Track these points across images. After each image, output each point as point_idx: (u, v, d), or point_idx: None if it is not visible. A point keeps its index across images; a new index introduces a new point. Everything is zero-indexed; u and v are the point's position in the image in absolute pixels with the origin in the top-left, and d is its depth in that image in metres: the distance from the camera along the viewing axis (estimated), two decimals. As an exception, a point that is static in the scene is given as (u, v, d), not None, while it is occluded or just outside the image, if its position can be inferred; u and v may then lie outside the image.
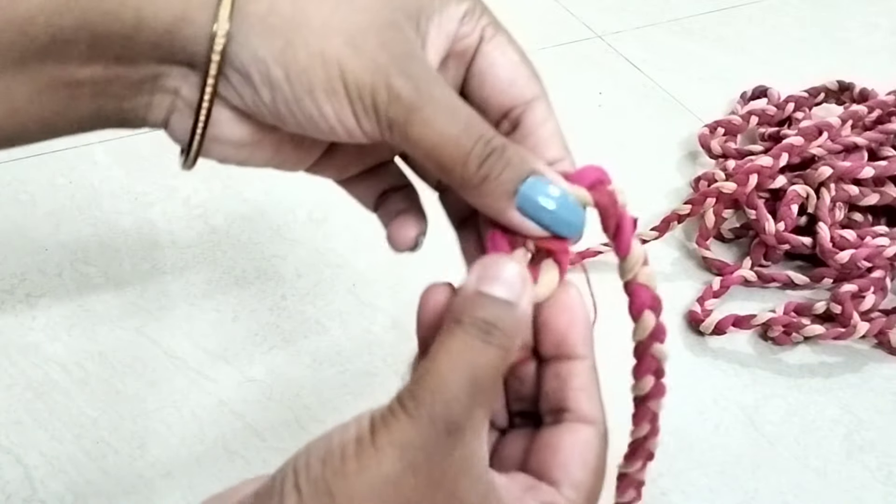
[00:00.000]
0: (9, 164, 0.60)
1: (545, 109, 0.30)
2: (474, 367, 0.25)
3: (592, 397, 0.28)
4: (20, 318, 0.50)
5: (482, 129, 0.27)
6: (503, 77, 0.29)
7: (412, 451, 0.24)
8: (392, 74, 0.26)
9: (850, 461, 0.47)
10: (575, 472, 0.27)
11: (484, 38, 0.29)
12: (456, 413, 0.24)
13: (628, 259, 0.29)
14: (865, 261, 0.54)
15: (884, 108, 0.63)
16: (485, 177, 0.27)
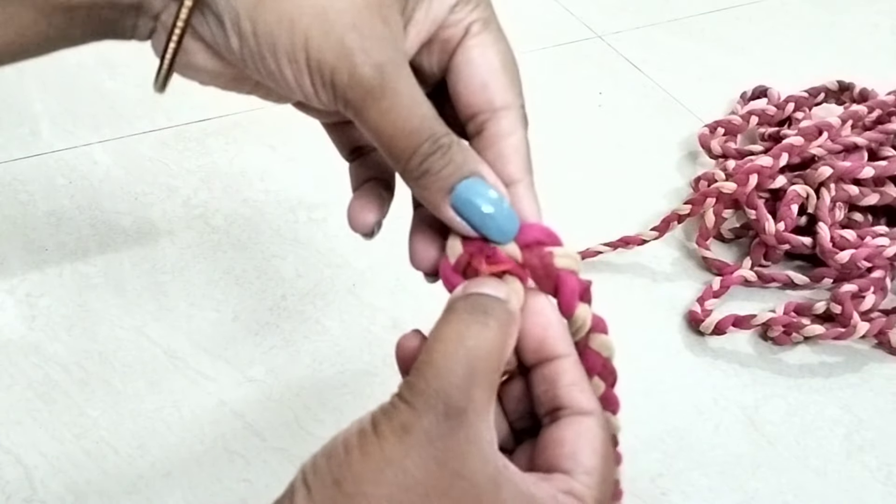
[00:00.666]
0: (9, 164, 0.60)
1: (512, 122, 0.29)
2: (469, 349, 0.26)
3: (584, 390, 0.28)
4: (20, 318, 0.50)
5: (434, 128, 0.27)
6: (476, 79, 0.29)
7: (413, 434, 0.25)
8: (357, 60, 0.26)
9: (850, 461, 0.47)
10: (585, 459, 0.27)
11: (469, 33, 0.29)
12: (454, 396, 0.25)
13: (573, 322, 0.29)
14: (865, 261, 0.54)
15: (884, 108, 0.63)
16: (425, 171, 0.27)
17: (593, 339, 0.29)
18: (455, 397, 0.25)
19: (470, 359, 0.25)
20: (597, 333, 0.29)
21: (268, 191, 0.60)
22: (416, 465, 0.25)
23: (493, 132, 0.29)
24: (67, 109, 0.65)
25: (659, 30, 0.81)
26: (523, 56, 0.31)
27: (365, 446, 0.25)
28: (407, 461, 0.25)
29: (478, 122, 0.29)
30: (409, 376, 0.26)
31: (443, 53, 0.29)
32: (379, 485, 0.24)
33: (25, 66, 0.29)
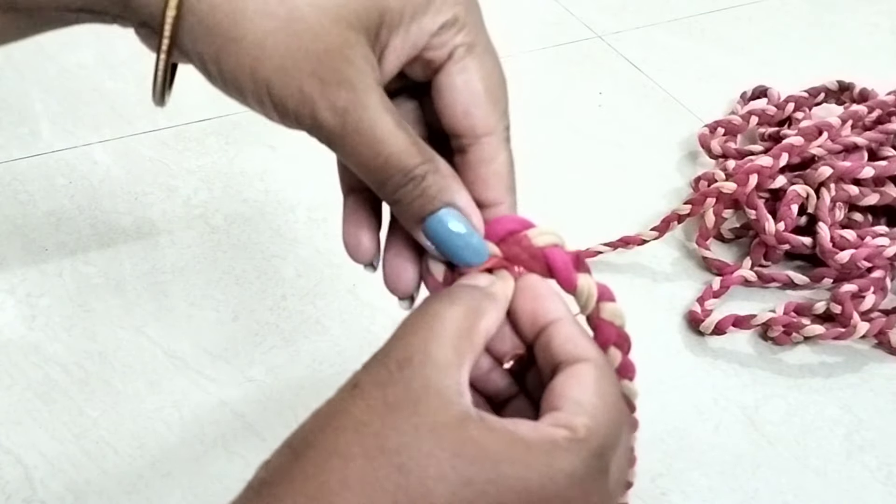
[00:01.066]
0: (9, 164, 0.60)
1: (494, 148, 0.29)
2: (432, 318, 0.26)
3: (580, 342, 0.28)
4: (20, 318, 0.50)
5: (404, 163, 0.28)
6: (458, 105, 0.29)
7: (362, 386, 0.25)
8: (317, 106, 0.26)
9: (850, 461, 0.47)
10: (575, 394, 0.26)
11: (452, 58, 0.28)
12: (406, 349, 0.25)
13: (577, 295, 0.29)
14: (865, 261, 0.54)
15: (884, 108, 0.63)
16: (397, 201, 0.28)
17: (603, 309, 0.29)
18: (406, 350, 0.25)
19: (430, 326, 0.26)
20: (605, 302, 0.29)
21: (268, 191, 0.60)
22: (365, 410, 0.24)
23: (475, 157, 0.29)
24: (67, 109, 0.65)
25: (659, 30, 0.81)
26: (523, 56, 0.31)
27: (316, 411, 0.25)
28: (355, 408, 0.25)
29: (461, 145, 0.29)
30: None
31: (427, 70, 0.29)
32: (324, 434, 0.24)
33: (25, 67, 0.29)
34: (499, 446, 0.24)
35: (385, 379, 0.25)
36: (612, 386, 0.27)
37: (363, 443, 0.24)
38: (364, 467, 0.23)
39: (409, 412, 0.24)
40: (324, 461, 0.24)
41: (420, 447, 0.23)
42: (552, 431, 0.25)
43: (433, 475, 0.23)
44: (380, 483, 0.23)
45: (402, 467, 0.23)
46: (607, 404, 0.26)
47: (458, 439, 0.24)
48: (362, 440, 0.24)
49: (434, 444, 0.24)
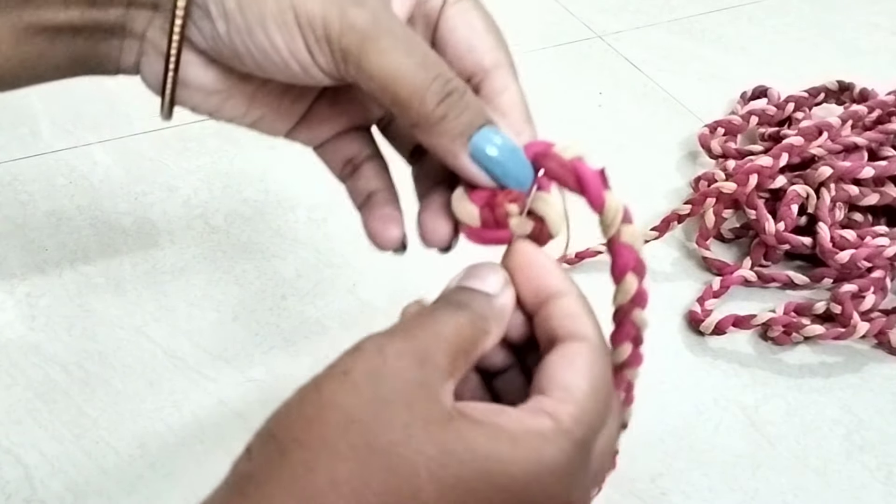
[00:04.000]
0: (9, 164, 0.60)
1: (506, 78, 0.29)
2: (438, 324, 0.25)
3: (579, 319, 0.27)
4: (20, 318, 0.50)
5: (440, 67, 0.27)
6: (462, 43, 0.29)
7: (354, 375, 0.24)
8: (345, 4, 0.26)
9: (850, 461, 0.47)
10: (563, 376, 0.26)
11: (447, 2, 0.29)
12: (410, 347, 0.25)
13: (605, 212, 0.28)
14: (865, 261, 0.54)
15: (884, 108, 0.63)
16: (443, 116, 0.27)
17: (624, 232, 0.28)
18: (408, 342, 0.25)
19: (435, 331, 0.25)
20: (626, 224, 0.28)
21: (268, 191, 0.60)
22: (355, 405, 0.24)
23: (488, 91, 0.29)
24: (67, 109, 0.65)
25: (659, 30, 0.81)
26: (523, 56, 0.31)
27: (302, 396, 0.25)
28: (345, 401, 0.24)
29: (472, 85, 0.29)
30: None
31: (426, 28, 0.29)
32: (316, 428, 0.24)
33: (25, 66, 0.29)
34: (486, 443, 0.24)
35: (378, 368, 0.24)
36: (603, 369, 0.27)
37: (353, 441, 0.23)
38: (353, 466, 0.23)
39: (401, 408, 0.24)
40: (312, 460, 0.23)
41: (410, 446, 0.23)
42: (537, 423, 0.25)
43: (423, 474, 0.23)
44: (369, 483, 0.23)
45: (391, 467, 0.23)
46: (595, 390, 0.26)
47: (447, 437, 0.24)
48: (352, 438, 0.23)
49: (424, 442, 0.23)
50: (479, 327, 0.26)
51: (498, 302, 0.27)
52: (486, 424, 0.24)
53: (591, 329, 0.27)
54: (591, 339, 0.27)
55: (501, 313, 0.27)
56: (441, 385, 0.25)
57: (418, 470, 0.23)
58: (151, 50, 0.29)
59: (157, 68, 0.29)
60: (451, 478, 0.23)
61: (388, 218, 0.31)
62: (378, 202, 0.32)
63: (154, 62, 0.29)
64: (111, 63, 0.29)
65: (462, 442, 0.24)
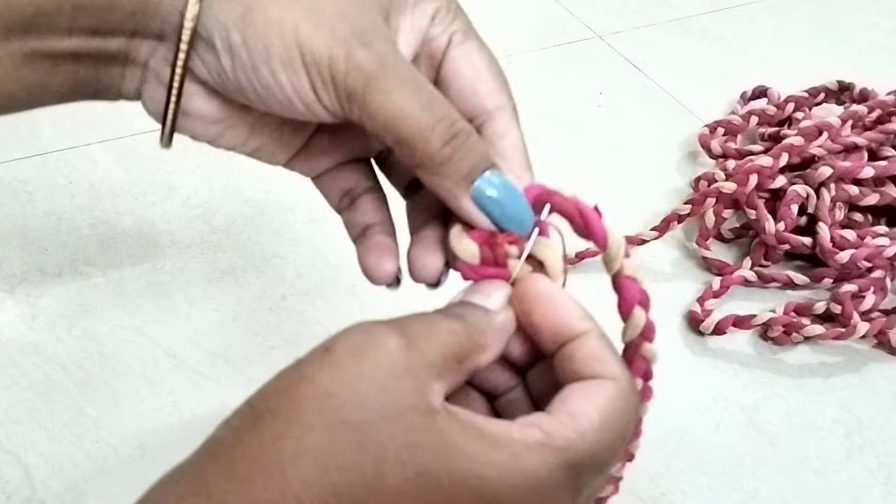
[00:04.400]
0: (9, 164, 0.60)
1: (507, 122, 0.29)
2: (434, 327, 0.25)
3: (605, 359, 0.26)
4: (20, 318, 0.50)
5: (446, 109, 0.27)
6: (466, 85, 0.29)
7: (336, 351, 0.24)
8: (352, 44, 0.26)
9: (850, 461, 0.47)
10: (574, 404, 0.25)
11: (452, 43, 0.29)
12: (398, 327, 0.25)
13: (609, 248, 0.28)
14: (865, 261, 0.54)
15: (884, 108, 0.63)
16: (448, 157, 0.27)
17: (627, 266, 0.28)
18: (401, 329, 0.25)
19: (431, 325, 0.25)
20: (627, 259, 0.28)
21: (268, 191, 0.60)
22: (334, 378, 0.23)
23: (489, 133, 0.29)
24: (67, 109, 0.65)
25: (659, 30, 0.81)
26: (523, 56, 0.31)
27: (284, 371, 0.25)
28: (323, 376, 0.23)
29: (474, 127, 0.29)
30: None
31: (430, 68, 0.29)
32: (291, 399, 0.23)
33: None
34: (463, 441, 0.23)
35: (363, 348, 0.24)
36: (625, 409, 0.26)
37: (325, 414, 0.23)
38: (322, 439, 0.23)
39: (379, 389, 0.23)
40: (283, 429, 0.23)
41: (382, 427, 0.23)
42: (525, 432, 0.24)
43: (390, 458, 0.23)
44: (335, 457, 0.23)
45: (360, 445, 0.23)
46: (606, 425, 0.25)
47: (423, 427, 0.23)
48: (325, 411, 0.23)
49: (397, 427, 0.23)
50: (475, 340, 0.26)
51: (498, 319, 0.27)
52: (469, 425, 0.24)
53: (620, 371, 0.26)
54: (618, 379, 0.26)
55: (501, 331, 0.27)
56: (428, 379, 0.24)
57: (386, 453, 0.23)
58: (153, 79, 0.29)
59: (158, 96, 0.29)
60: (420, 467, 0.23)
61: (383, 252, 0.31)
62: (373, 235, 0.32)
63: (156, 90, 0.29)
64: (112, 90, 0.29)
65: (437, 434, 0.23)
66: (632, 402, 0.26)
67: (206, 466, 0.24)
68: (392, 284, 0.32)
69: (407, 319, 0.26)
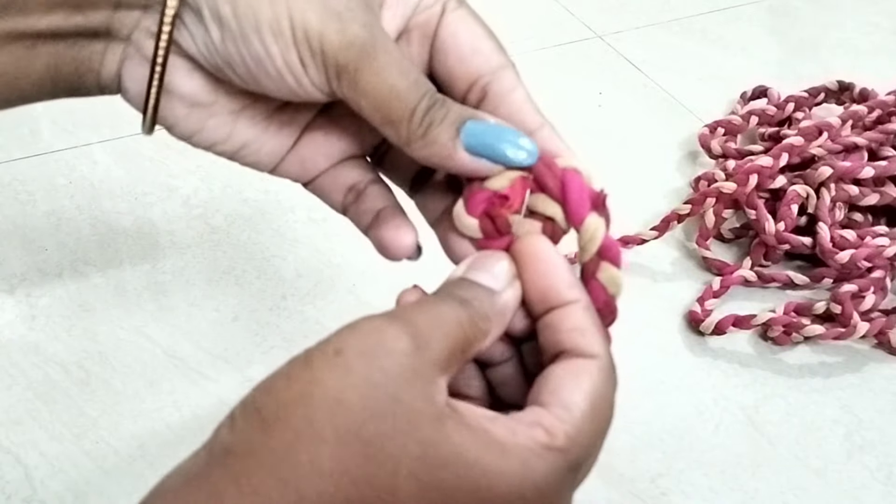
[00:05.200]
0: (9, 164, 0.60)
1: (512, 78, 0.29)
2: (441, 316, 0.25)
3: (588, 334, 0.26)
4: (20, 318, 0.50)
5: (428, 85, 0.27)
6: (467, 47, 0.29)
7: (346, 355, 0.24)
8: (346, 19, 0.26)
9: (850, 461, 0.47)
10: (566, 394, 0.25)
11: (446, 10, 0.29)
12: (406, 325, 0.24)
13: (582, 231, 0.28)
14: (865, 261, 0.54)
15: (884, 108, 0.63)
16: (429, 123, 0.27)
17: (603, 269, 0.27)
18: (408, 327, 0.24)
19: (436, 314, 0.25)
20: (607, 262, 0.27)
21: (268, 191, 0.60)
22: (344, 387, 0.23)
23: (497, 90, 0.29)
24: (67, 109, 0.65)
25: (659, 30, 0.81)
26: (523, 56, 0.31)
27: (291, 371, 0.24)
28: (334, 382, 0.23)
29: (479, 87, 0.29)
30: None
31: (424, 38, 0.29)
32: (302, 407, 0.23)
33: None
34: (474, 450, 0.23)
35: (372, 351, 0.24)
36: (608, 391, 0.26)
37: (337, 424, 0.23)
38: (335, 452, 0.22)
39: (391, 398, 0.23)
40: (296, 440, 0.23)
41: (395, 440, 0.23)
42: (531, 435, 0.24)
43: (403, 472, 0.23)
44: (349, 471, 0.22)
45: (373, 458, 0.23)
46: (596, 413, 0.25)
47: (434, 437, 0.23)
48: (337, 421, 0.23)
49: (410, 440, 0.23)
50: (480, 328, 0.26)
51: (501, 300, 0.27)
52: (477, 430, 0.24)
53: (601, 347, 0.26)
54: (600, 357, 0.26)
55: (504, 312, 0.27)
56: (434, 378, 0.24)
57: (399, 467, 0.23)
58: (136, 54, 0.28)
59: (140, 75, 0.28)
60: (432, 480, 0.23)
61: (400, 225, 0.31)
62: (387, 215, 0.31)
63: (137, 68, 0.28)
64: (92, 74, 0.28)
65: (449, 446, 0.23)
66: (613, 379, 0.27)
67: (219, 477, 0.23)
68: (413, 256, 0.31)
69: (413, 313, 0.25)
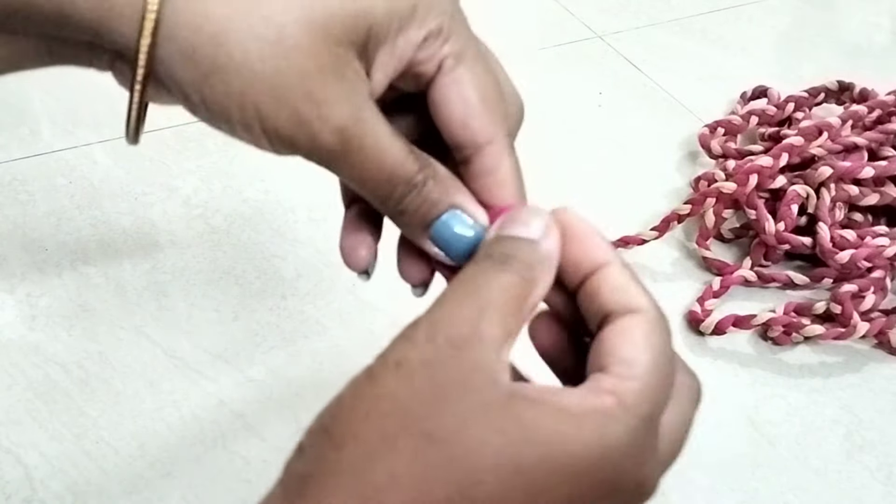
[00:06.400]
0: (9, 163, 0.60)
1: (497, 156, 0.28)
2: (480, 288, 0.24)
3: (629, 290, 0.26)
4: (20, 318, 0.50)
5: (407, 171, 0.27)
6: (455, 117, 0.28)
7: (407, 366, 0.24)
8: (315, 129, 0.25)
9: (850, 461, 0.47)
10: (624, 351, 0.25)
11: (442, 70, 0.27)
12: (457, 326, 0.24)
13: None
14: (865, 261, 0.54)
15: (884, 108, 0.63)
16: (402, 212, 0.27)
17: None
18: (458, 327, 0.24)
19: (480, 298, 0.24)
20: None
21: (268, 191, 0.60)
22: (411, 395, 0.23)
23: (478, 168, 0.28)
24: (67, 109, 0.65)
25: (659, 30, 0.81)
26: (523, 56, 0.31)
27: (356, 389, 0.24)
28: (400, 391, 0.23)
29: (463, 156, 0.29)
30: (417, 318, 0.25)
31: (418, 86, 0.28)
32: (368, 421, 0.23)
33: (25, 66, 0.29)
34: (548, 425, 0.23)
35: (432, 357, 0.24)
36: (663, 339, 0.26)
37: (410, 432, 0.23)
38: (413, 461, 0.22)
39: (458, 395, 0.23)
40: (370, 454, 0.23)
41: (470, 434, 0.22)
42: (599, 401, 0.24)
43: (484, 464, 0.22)
44: (431, 478, 0.22)
45: (451, 459, 0.22)
46: (657, 364, 0.25)
47: (507, 422, 0.23)
48: (409, 429, 0.23)
49: (484, 429, 0.23)
50: (527, 279, 0.25)
51: (543, 247, 0.26)
52: (546, 404, 0.23)
53: (646, 300, 0.26)
54: (647, 310, 0.26)
55: (549, 259, 0.26)
56: (496, 361, 0.24)
57: (479, 460, 0.22)
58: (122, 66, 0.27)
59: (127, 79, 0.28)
60: (514, 465, 0.22)
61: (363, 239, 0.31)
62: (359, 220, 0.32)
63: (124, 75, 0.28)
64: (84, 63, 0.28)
65: (521, 425, 0.23)
66: (665, 328, 0.26)
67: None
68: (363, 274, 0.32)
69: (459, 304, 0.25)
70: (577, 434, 0.23)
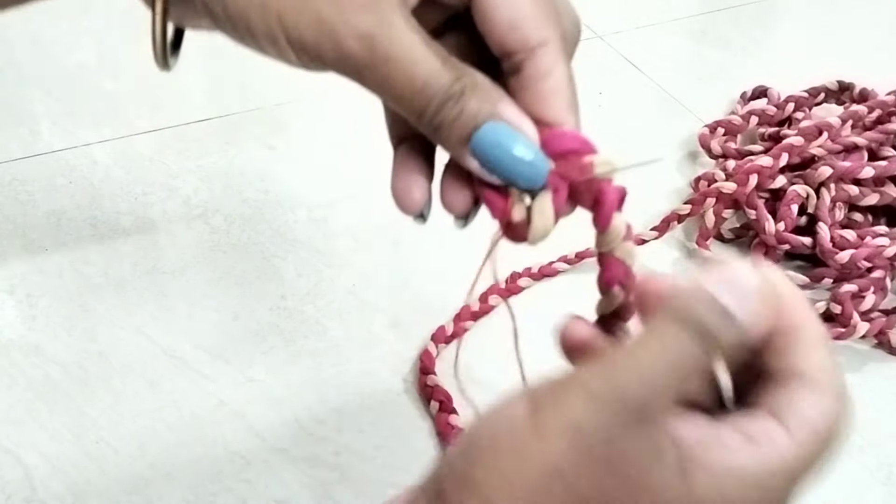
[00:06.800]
0: (9, 163, 0.60)
1: (550, 60, 0.27)
2: (676, 356, 0.22)
3: (826, 365, 0.24)
4: (20, 318, 0.50)
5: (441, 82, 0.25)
6: (503, 20, 0.26)
7: (588, 435, 0.21)
8: (340, 34, 0.24)
9: (850, 461, 0.47)
10: (806, 410, 0.23)
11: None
12: (650, 398, 0.21)
13: (607, 234, 0.27)
14: (865, 261, 0.54)
15: (884, 108, 0.63)
16: (438, 125, 0.26)
17: (618, 248, 0.27)
18: (651, 398, 0.21)
19: (676, 366, 0.22)
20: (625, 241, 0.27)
21: (268, 191, 0.60)
22: (588, 476, 0.21)
23: (529, 73, 0.27)
24: (67, 109, 0.65)
25: (659, 30, 0.81)
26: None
27: (517, 441, 0.21)
28: (575, 469, 0.21)
29: (513, 63, 0.27)
30: (598, 363, 0.22)
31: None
32: (533, 497, 0.21)
33: (25, 66, 0.29)
34: (717, 494, 0.21)
35: (616, 430, 0.21)
36: (840, 424, 0.24)
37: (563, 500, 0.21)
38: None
39: (640, 486, 0.21)
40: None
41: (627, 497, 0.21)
42: (768, 456, 0.22)
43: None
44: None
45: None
46: (828, 436, 0.24)
47: (672, 492, 0.21)
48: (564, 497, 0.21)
49: (644, 495, 0.21)
50: (710, 360, 0.23)
51: (747, 337, 0.23)
52: (716, 471, 0.21)
53: (838, 379, 0.24)
54: (837, 391, 0.24)
55: (742, 346, 0.23)
56: (664, 428, 0.22)
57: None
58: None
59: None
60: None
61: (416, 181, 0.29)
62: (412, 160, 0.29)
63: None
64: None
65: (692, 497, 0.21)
66: (843, 412, 0.24)
67: None
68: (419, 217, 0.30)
69: (626, 380, 0.22)
70: (744, 494, 0.22)
